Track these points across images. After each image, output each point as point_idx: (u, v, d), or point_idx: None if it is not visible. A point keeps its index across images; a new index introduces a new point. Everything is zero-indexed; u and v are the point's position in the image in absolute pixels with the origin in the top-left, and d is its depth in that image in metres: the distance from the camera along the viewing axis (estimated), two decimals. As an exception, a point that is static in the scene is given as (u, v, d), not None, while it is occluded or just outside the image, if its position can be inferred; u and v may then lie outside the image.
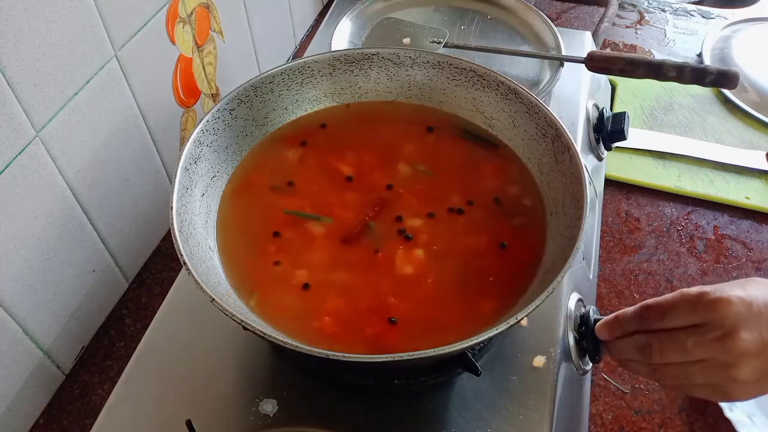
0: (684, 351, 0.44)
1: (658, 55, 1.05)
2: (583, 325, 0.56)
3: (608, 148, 0.78)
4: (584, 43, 0.87)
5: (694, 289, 0.45)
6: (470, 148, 0.60)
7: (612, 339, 0.50)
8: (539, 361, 0.52)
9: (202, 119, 0.54)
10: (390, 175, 0.58)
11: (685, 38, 1.09)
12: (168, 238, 0.76)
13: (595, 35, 0.90)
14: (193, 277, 0.43)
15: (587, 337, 0.55)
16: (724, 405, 0.61)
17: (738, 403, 0.62)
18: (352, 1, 0.87)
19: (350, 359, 0.40)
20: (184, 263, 0.44)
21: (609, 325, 0.50)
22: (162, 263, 0.75)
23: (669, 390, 0.63)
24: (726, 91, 0.95)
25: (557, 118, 0.54)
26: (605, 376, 0.65)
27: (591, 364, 0.58)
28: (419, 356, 0.39)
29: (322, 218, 0.55)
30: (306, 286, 0.50)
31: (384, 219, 0.55)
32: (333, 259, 0.52)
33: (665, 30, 1.11)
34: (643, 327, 0.47)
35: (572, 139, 0.52)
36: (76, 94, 0.58)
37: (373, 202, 0.55)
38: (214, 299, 0.42)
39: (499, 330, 0.41)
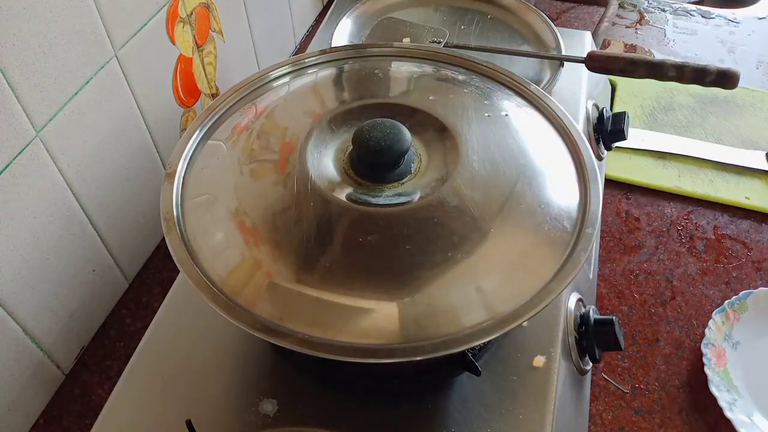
0: None
1: (658, 55, 1.05)
2: (583, 325, 0.56)
3: (608, 148, 0.78)
4: (584, 43, 0.87)
5: None
6: None
7: None
8: (539, 361, 0.52)
9: (202, 119, 0.54)
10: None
11: (685, 38, 1.09)
12: (168, 238, 0.76)
13: (595, 35, 0.90)
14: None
15: (587, 337, 0.55)
16: (724, 405, 0.61)
17: (738, 403, 0.62)
18: (352, 1, 0.87)
19: (349, 359, 0.40)
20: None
21: None
22: (162, 263, 0.75)
23: None
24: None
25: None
26: (605, 376, 0.65)
27: (591, 364, 0.58)
28: (419, 357, 0.39)
29: None
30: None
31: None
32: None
33: (665, 30, 1.11)
34: None
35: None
36: (76, 94, 0.58)
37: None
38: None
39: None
